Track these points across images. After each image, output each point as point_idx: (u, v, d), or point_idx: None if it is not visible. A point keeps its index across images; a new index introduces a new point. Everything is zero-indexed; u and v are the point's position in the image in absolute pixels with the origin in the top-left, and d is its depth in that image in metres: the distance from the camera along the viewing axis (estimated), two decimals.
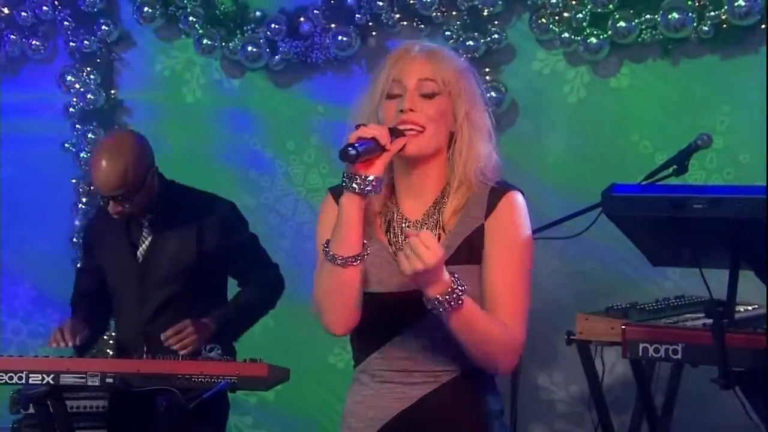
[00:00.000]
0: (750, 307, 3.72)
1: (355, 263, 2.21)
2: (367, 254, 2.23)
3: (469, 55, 4.77)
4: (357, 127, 2.24)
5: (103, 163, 3.56)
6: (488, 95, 4.67)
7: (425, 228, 2.31)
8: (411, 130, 2.26)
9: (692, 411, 4.29)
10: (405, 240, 2.12)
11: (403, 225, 2.33)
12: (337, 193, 2.33)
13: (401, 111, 2.26)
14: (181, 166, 3.90)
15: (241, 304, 3.81)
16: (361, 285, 2.24)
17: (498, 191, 2.33)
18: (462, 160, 2.31)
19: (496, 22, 4.78)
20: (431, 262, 2.07)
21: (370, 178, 2.18)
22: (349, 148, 2.15)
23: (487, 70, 4.80)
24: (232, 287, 3.90)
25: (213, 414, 3.68)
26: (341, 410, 2.45)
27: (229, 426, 4.04)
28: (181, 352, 3.56)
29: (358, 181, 2.18)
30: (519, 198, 2.36)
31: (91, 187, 3.72)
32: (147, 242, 3.76)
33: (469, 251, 2.29)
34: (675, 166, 3.45)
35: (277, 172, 5.16)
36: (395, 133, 2.25)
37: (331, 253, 2.21)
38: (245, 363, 3.53)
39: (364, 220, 2.25)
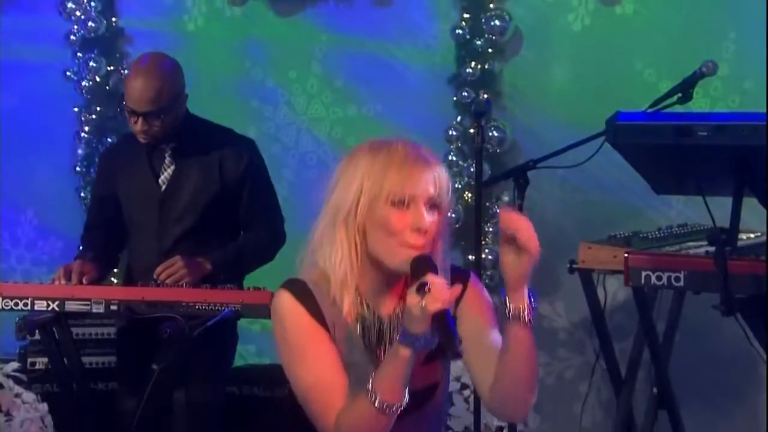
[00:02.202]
0: (753, 235, 3.72)
1: (396, 410, 2.16)
2: (407, 403, 2.18)
3: None
4: (419, 289, 2.09)
5: (140, 79, 3.62)
6: (492, 24, 4.71)
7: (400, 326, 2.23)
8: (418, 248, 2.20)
9: (694, 338, 4.31)
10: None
11: (379, 326, 2.29)
12: (299, 295, 2.26)
13: (418, 230, 2.19)
14: None
15: (242, 248, 3.79)
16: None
17: (459, 276, 2.30)
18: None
19: None
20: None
21: (435, 339, 2.12)
22: (458, 348, 2.08)
23: None
24: None
25: (220, 343, 3.71)
26: None
27: None
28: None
29: (424, 341, 2.11)
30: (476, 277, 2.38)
31: (123, 106, 3.72)
32: (170, 170, 3.77)
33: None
34: (679, 94, 3.41)
35: (279, 101, 5.13)
36: (429, 267, 2.16)
37: (378, 397, 2.14)
38: (249, 291, 3.56)
39: (344, 329, 2.25)
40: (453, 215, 2.32)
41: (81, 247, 3.97)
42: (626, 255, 3.30)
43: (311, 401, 2.24)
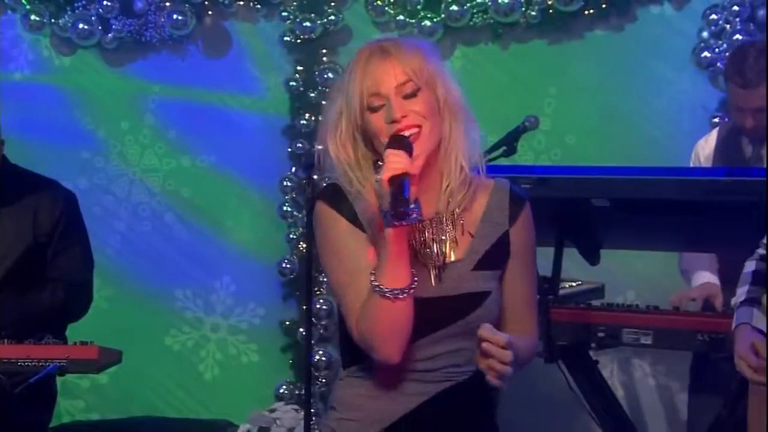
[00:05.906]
0: (574, 284, 3.85)
1: (407, 293, 2.14)
2: (416, 282, 2.16)
3: (306, 36, 4.79)
4: (375, 168, 2.17)
5: None
6: (325, 77, 4.78)
7: (447, 227, 2.25)
8: (409, 134, 2.19)
9: (518, 384, 4.40)
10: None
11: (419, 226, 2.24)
12: (333, 202, 2.26)
13: (393, 122, 2.18)
14: (10, 146, 3.77)
15: (29, 305, 3.64)
16: (412, 311, 2.17)
17: (517, 196, 2.32)
18: (449, 146, 2.24)
19: (332, 4, 4.80)
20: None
21: (413, 206, 2.10)
22: (405, 209, 2.07)
23: (324, 51, 4.83)
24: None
25: (40, 398, 3.59)
26: (177, 392, 2.42)
27: (60, 411, 3.97)
28: None
29: (405, 213, 2.10)
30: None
31: None
32: None
33: (493, 257, 2.25)
34: (504, 147, 3.53)
35: (111, 152, 5.06)
36: (399, 143, 2.17)
37: (382, 287, 2.13)
38: (75, 345, 3.45)
39: (376, 228, 2.19)
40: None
41: None
42: None
43: (343, 303, 2.23)
